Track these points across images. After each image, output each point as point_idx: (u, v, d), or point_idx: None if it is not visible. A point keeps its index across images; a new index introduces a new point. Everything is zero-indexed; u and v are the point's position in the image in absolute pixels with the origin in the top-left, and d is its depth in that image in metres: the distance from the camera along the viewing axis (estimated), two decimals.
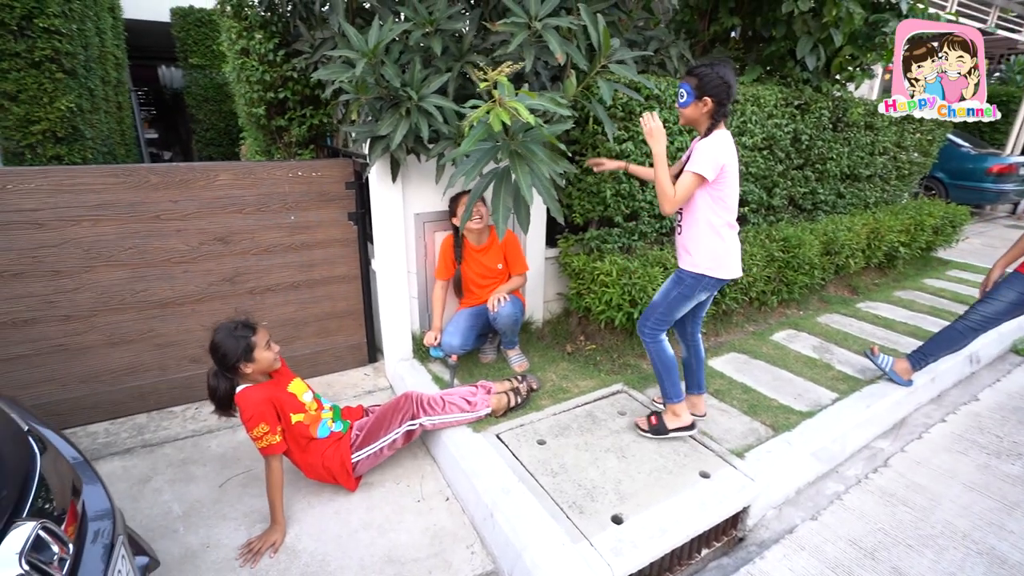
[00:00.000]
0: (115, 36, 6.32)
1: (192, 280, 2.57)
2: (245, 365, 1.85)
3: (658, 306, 2.15)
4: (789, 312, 3.82)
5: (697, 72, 1.91)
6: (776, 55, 3.38)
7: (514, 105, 1.69)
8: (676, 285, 2.10)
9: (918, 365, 2.78)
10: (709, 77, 1.88)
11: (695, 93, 1.91)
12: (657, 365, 2.22)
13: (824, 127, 3.67)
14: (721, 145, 1.91)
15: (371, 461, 2.15)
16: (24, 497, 1.13)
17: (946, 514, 2.15)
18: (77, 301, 2.37)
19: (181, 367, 2.65)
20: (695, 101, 1.92)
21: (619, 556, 1.69)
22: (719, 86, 1.88)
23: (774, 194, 3.68)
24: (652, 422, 2.29)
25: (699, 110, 1.93)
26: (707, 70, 1.89)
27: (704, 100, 1.90)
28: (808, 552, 1.95)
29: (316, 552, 1.87)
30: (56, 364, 2.40)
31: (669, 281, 2.14)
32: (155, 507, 2.06)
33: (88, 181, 2.27)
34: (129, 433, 2.48)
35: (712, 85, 1.88)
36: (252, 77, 2.90)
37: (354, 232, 2.88)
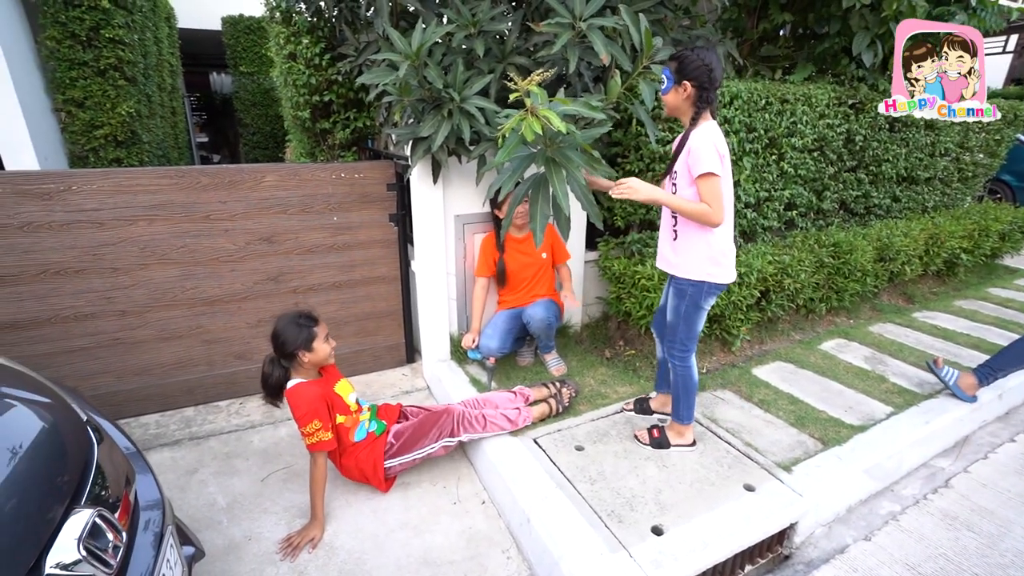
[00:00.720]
0: (171, 44, 6.64)
1: (239, 279, 2.65)
2: (303, 354, 1.89)
3: (677, 327, 2.05)
4: (839, 321, 3.64)
5: (677, 56, 1.82)
6: (829, 52, 3.24)
7: (546, 114, 1.67)
8: (680, 299, 2.00)
9: (986, 380, 2.58)
10: (689, 60, 1.78)
11: (674, 78, 1.82)
12: (680, 386, 2.13)
13: (880, 127, 3.49)
14: (716, 135, 1.80)
15: (403, 468, 2.16)
16: (83, 485, 1.18)
17: (1018, 542, 1.99)
18: (133, 297, 2.48)
19: (227, 363, 2.74)
20: (674, 87, 1.83)
21: (659, 568, 1.64)
22: (699, 68, 1.77)
23: (824, 197, 3.53)
24: (654, 435, 2.22)
25: (679, 96, 1.84)
26: (687, 53, 1.80)
27: (684, 85, 1.81)
28: (860, 574, 1.84)
29: (353, 550, 1.89)
30: (112, 357, 2.52)
31: (673, 298, 2.03)
32: (200, 498, 2.13)
33: (145, 182, 2.37)
34: (178, 425, 2.58)
35: (692, 68, 1.78)
36: (298, 81, 2.98)
37: (395, 233, 2.92)
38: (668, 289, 2.11)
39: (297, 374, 1.95)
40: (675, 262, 1.99)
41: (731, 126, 2.83)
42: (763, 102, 2.89)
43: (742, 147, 2.93)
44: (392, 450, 2.13)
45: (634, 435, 2.27)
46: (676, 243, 1.98)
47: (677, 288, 2.01)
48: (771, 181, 3.17)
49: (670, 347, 2.11)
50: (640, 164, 2.74)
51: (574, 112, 1.78)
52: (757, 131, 2.94)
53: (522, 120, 1.69)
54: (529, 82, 1.69)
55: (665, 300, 2.18)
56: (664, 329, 2.19)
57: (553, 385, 2.52)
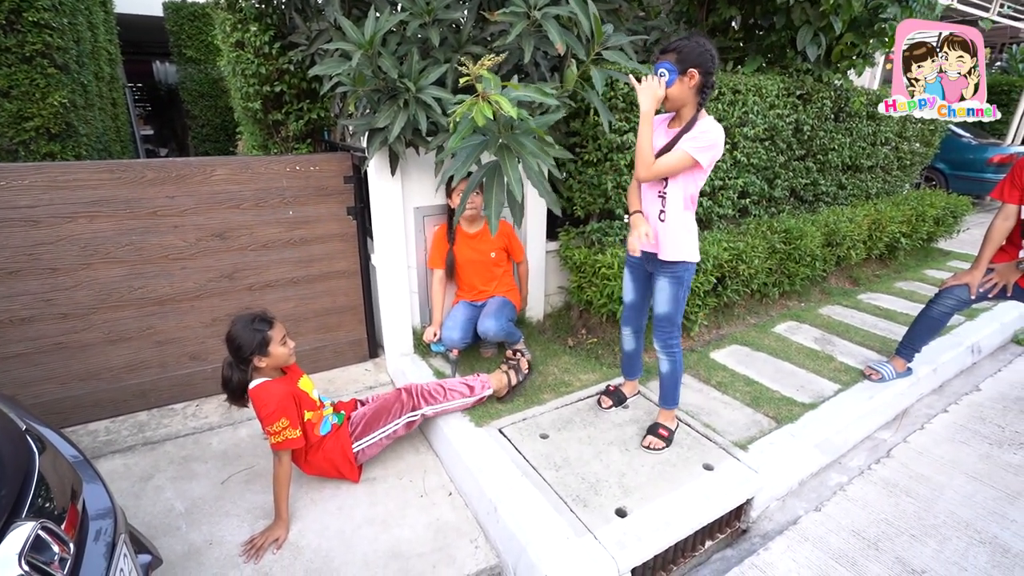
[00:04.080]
0: (107, 31, 6.24)
1: (190, 276, 2.55)
2: (259, 359, 1.85)
3: (674, 315, 2.04)
4: (790, 304, 3.81)
5: (675, 46, 1.76)
6: (777, 45, 3.35)
7: (496, 99, 1.67)
8: (677, 285, 2.00)
9: (909, 357, 2.81)
10: (690, 47, 1.73)
11: (677, 68, 1.75)
12: (676, 374, 2.15)
13: (826, 117, 3.64)
14: (722, 134, 1.81)
15: (372, 450, 2.16)
16: (23, 497, 1.12)
17: (949, 504, 2.15)
18: (75, 299, 2.35)
19: (181, 364, 2.64)
20: (680, 77, 1.75)
21: (624, 549, 1.69)
22: (703, 54, 1.73)
23: (776, 185, 3.66)
24: (664, 435, 2.19)
25: (685, 86, 1.77)
26: (684, 42, 1.75)
27: (690, 73, 1.74)
28: (812, 543, 1.94)
29: (320, 548, 1.87)
30: (55, 362, 2.39)
31: (668, 285, 2.00)
32: (157, 505, 2.05)
33: (83, 177, 2.24)
34: (130, 431, 2.47)
35: (696, 55, 1.72)
36: (248, 71, 2.87)
37: (353, 227, 2.86)
38: (655, 280, 2.05)
39: (257, 375, 1.90)
40: (667, 246, 1.95)
41: None
42: (716, 92, 2.96)
43: None
44: (357, 431, 2.12)
45: (644, 446, 2.17)
46: (665, 226, 1.94)
47: (671, 275, 1.99)
48: (725, 170, 3.27)
49: (666, 337, 2.08)
50: (598, 154, 2.77)
51: (526, 98, 1.78)
52: None
53: (473, 105, 1.69)
54: (480, 67, 1.68)
55: (639, 294, 2.19)
56: (642, 321, 2.22)
57: (510, 360, 2.55)
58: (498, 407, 2.42)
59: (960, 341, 3.28)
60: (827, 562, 1.86)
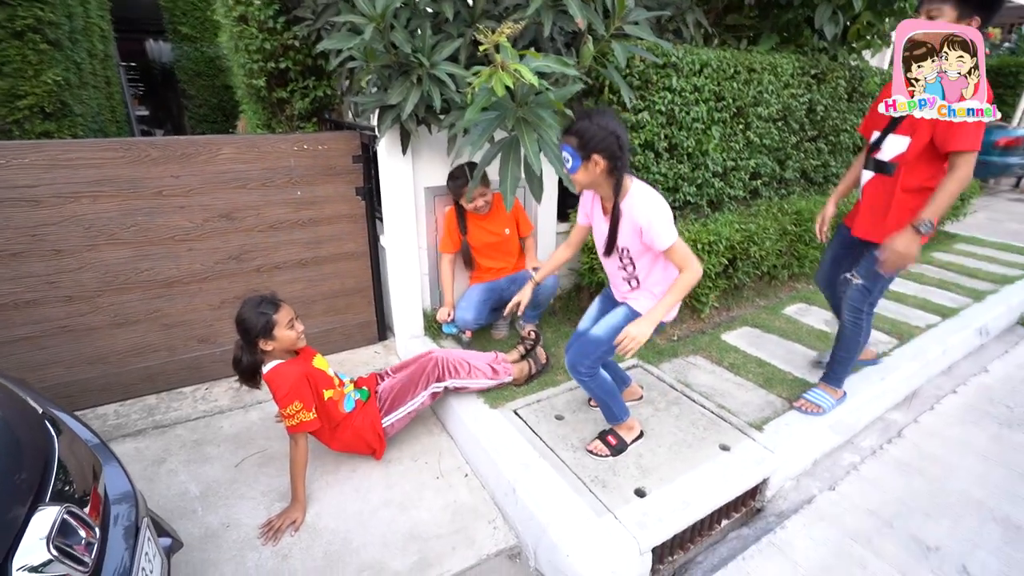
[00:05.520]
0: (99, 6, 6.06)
1: (197, 258, 2.50)
2: (265, 342, 1.82)
3: (602, 344, 1.83)
4: (799, 286, 3.79)
5: (575, 130, 1.60)
6: (793, 23, 3.28)
7: (517, 68, 1.61)
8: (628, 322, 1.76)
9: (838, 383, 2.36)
10: (590, 132, 1.57)
11: (580, 155, 1.60)
12: (600, 395, 1.97)
13: (840, 97, 3.58)
14: (656, 197, 1.67)
15: (400, 424, 2.19)
16: (45, 481, 1.10)
17: (961, 483, 2.16)
18: (80, 281, 2.31)
19: (189, 347, 2.61)
20: (583, 164, 1.62)
21: (644, 529, 1.69)
22: (606, 139, 1.57)
23: (787, 167, 3.62)
24: (612, 442, 2.03)
25: (592, 172, 1.63)
26: (585, 125, 1.58)
27: (594, 160, 1.60)
28: (827, 522, 1.95)
29: (338, 530, 1.86)
30: (61, 346, 2.35)
31: (622, 319, 1.82)
32: (171, 488, 2.04)
33: (85, 156, 2.18)
34: (140, 415, 2.45)
35: (598, 140, 1.57)
36: (251, 46, 2.78)
37: (362, 207, 2.81)
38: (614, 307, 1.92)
39: (268, 358, 1.88)
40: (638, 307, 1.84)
41: (701, 94, 2.84)
42: (732, 71, 2.90)
43: (711, 116, 2.95)
44: (385, 406, 2.14)
45: (588, 450, 2.03)
46: (636, 292, 1.86)
47: (631, 314, 1.83)
48: (737, 150, 3.22)
49: (580, 360, 1.87)
50: None
51: (546, 68, 1.72)
52: (726, 100, 2.97)
53: (492, 75, 1.63)
54: (499, 34, 1.62)
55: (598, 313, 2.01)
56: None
57: (526, 344, 2.57)
58: (513, 390, 2.41)
59: (968, 323, 3.28)
60: (843, 540, 1.87)
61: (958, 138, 1.79)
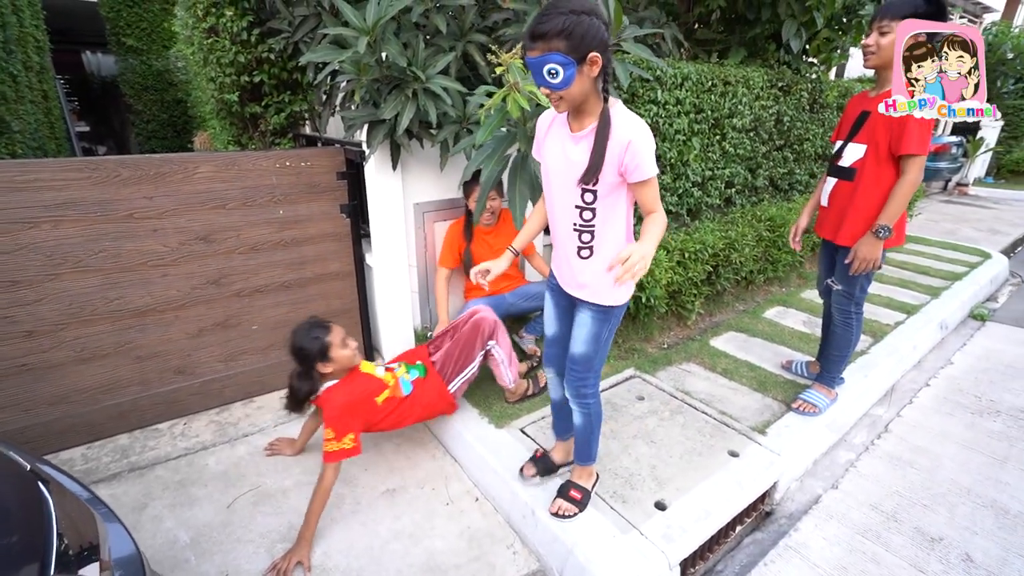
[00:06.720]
0: (33, 16, 5.65)
1: (173, 284, 2.33)
2: (323, 365, 1.87)
3: (592, 358, 1.63)
4: (773, 289, 3.93)
5: (561, 28, 1.20)
6: (761, 37, 3.43)
7: (531, 89, 1.61)
8: (602, 325, 1.59)
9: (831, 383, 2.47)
10: (582, 26, 1.20)
11: (573, 58, 1.22)
12: (593, 424, 1.73)
13: (803, 108, 3.77)
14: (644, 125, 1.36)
15: (463, 388, 2.24)
16: (47, 550, 0.97)
17: (948, 472, 2.27)
18: (40, 314, 2.10)
19: (165, 380, 2.42)
20: (578, 68, 1.24)
21: (671, 543, 1.67)
22: (597, 28, 1.23)
23: (757, 175, 3.76)
24: (577, 497, 1.79)
25: (588, 78, 1.27)
26: (571, 18, 1.20)
27: (590, 60, 1.24)
28: (837, 520, 2.00)
29: (349, 568, 1.75)
30: (19, 387, 2.12)
31: (591, 321, 1.58)
32: (157, 536, 1.87)
33: (45, 177, 2.00)
34: (111, 457, 2.24)
35: (591, 34, 1.22)
36: (223, 59, 2.65)
37: (347, 225, 2.70)
38: (575, 312, 1.64)
39: (327, 380, 1.92)
40: (591, 285, 1.54)
41: (682, 107, 2.91)
42: (709, 84, 3.00)
43: (691, 127, 3.03)
44: (448, 373, 2.19)
45: (552, 513, 1.78)
46: (589, 262, 1.51)
47: (595, 311, 1.57)
48: (714, 160, 3.32)
49: (579, 383, 1.67)
50: None
51: None
52: (704, 112, 3.06)
53: (506, 96, 1.61)
54: (513, 56, 1.61)
55: (562, 326, 1.75)
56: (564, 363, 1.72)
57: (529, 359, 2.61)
58: (516, 408, 2.36)
59: (930, 319, 3.48)
60: (854, 537, 1.92)
61: (908, 142, 1.92)
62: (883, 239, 2.03)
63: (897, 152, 1.96)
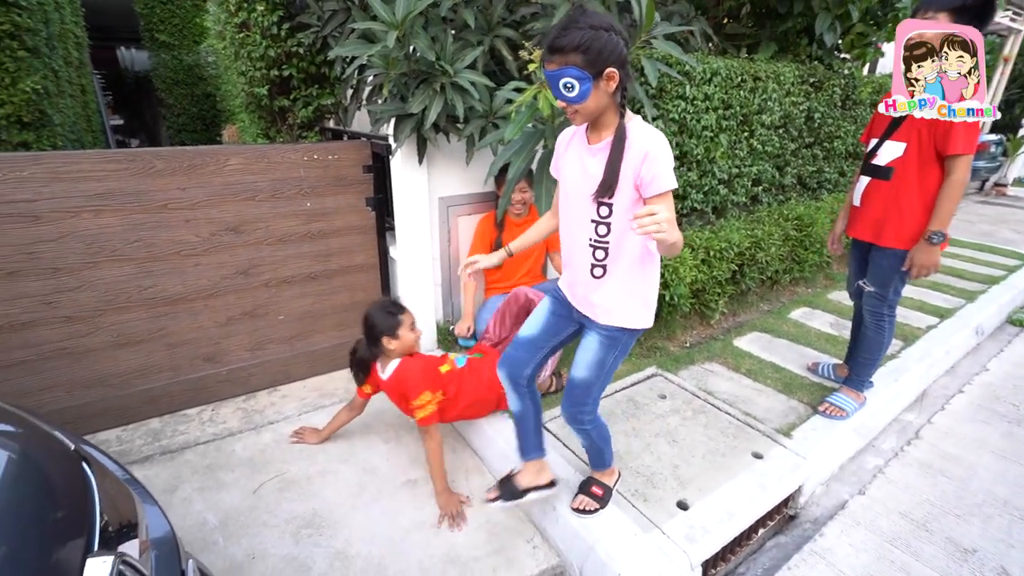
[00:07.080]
0: (73, 12, 5.83)
1: (204, 274, 2.39)
2: (388, 340, 1.97)
3: (594, 385, 1.58)
4: (799, 290, 3.85)
5: (577, 45, 1.19)
6: (792, 31, 3.35)
7: None
8: (609, 350, 1.53)
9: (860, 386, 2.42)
10: (600, 41, 1.20)
11: (590, 72, 1.21)
12: (598, 442, 1.74)
13: (835, 105, 3.68)
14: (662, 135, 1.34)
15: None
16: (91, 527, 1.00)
17: (983, 483, 2.20)
18: (79, 300, 2.18)
19: (195, 367, 2.48)
20: (595, 83, 1.23)
21: (693, 543, 1.66)
22: (615, 44, 1.22)
23: (785, 173, 3.69)
24: (599, 493, 1.79)
25: (605, 93, 1.27)
26: (588, 32, 1.19)
27: (607, 75, 1.24)
28: (864, 527, 1.96)
29: (371, 556, 1.78)
30: (59, 369, 2.21)
31: (598, 347, 1.52)
32: (187, 518, 1.92)
33: (87, 168, 2.07)
34: (144, 440, 2.31)
35: (608, 49, 1.21)
36: (254, 53, 2.70)
37: (372, 218, 2.73)
38: (583, 334, 1.59)
39: (387, 357, 2.03)
40: (603, 305, 1.48)
41: (711, 103, 2.86)
42: (739, 79, 2.94)
43: (719, 124, 2.98)
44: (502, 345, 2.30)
45: (573, 508, 1.78)
46: (601, 282, 1.47)
47: (608, 336, 1.51)
48: (742, 157, 3.26)
49: (576, 409, 1.63)
50: None
51: None
52: (733, 108, 3.01)
53: (537, 93, 1.61)
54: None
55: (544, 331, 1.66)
56: (526, 369, 1.66)
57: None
58: None
59: (965, 323, 3.37)
60: (882, 544, 1.87)
61: (955, 141, 1.85)
62: (937, 244, 1.97)
63: (944, 152, 1.89)
